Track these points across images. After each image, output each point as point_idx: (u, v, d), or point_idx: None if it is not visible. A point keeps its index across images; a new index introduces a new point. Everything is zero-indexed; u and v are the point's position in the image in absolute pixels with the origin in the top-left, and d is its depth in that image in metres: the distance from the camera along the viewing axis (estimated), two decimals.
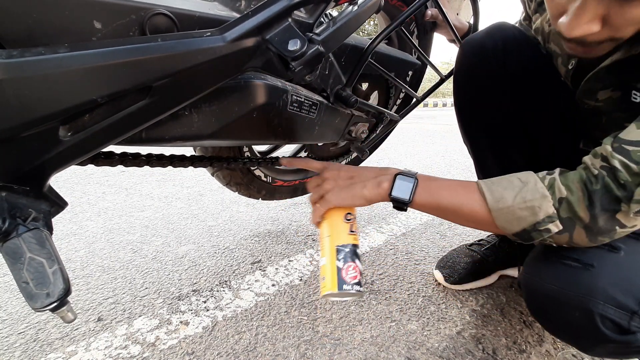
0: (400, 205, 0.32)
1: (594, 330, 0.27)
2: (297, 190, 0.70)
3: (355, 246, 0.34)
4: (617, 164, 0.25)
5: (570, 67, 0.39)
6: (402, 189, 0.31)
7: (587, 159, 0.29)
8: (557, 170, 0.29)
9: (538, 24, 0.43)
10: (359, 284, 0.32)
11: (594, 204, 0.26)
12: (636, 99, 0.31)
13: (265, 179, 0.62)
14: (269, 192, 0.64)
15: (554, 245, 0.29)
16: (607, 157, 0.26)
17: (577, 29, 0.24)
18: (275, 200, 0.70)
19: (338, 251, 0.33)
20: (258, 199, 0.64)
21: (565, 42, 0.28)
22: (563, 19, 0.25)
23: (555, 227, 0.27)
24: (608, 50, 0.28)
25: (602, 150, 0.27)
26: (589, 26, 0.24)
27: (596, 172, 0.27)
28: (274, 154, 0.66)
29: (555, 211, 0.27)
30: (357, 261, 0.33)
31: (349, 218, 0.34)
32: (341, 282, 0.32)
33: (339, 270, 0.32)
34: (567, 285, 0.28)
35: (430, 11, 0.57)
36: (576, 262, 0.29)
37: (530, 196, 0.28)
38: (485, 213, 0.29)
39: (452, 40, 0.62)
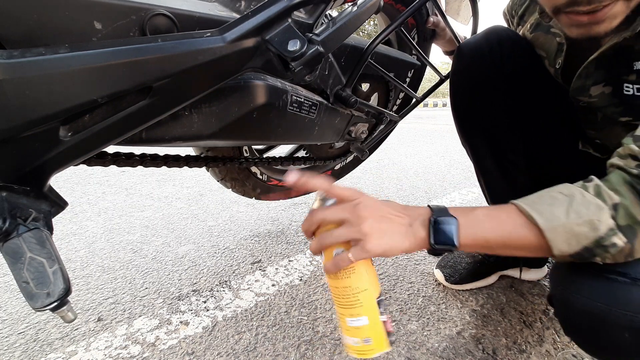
0: (446, 250, 0.27)
1: None
2: (292, 190, 0.70)
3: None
4: None
5: (557, 67, 0.39)
6: (444, 235, 0.26)
7: (616, 161, 0.26)
8: (594, 178, 0.26)
9: (521, 34, 0.44)
10: (391, 324, 0.28)
11: None
12: (629, 91, 0.31)
13: (260, 177, 0.62)
14: (264, 190, 0.64)
15: (607, 262, 0.25)
16: (638, 156, 0.25)
17: None
18: (270, 200, 0.70)
19: (379, 304, 0.26)
20: (252, 197, 0.63)
21: (569, 18, 0.27)
22: None
23: (619, 240, 0.24)
24: (619, 21, 0.26)
25: (627, 150, 0.26)
26: None
27: (635, 172, 0.25)
28: (271, 153, 0.66)
29: (614, 222, 0.24)
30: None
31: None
32: (388, 334, 0.26)
33: (384, 324, 0.26)
34: (614, 302, 0.25)
35: (433, 18, 0.58)
36: (623, 276, 0.25)
37: (584, 209, 0.24)
38: (537, 237, 0.25)
39: (448, 53, 0.63)
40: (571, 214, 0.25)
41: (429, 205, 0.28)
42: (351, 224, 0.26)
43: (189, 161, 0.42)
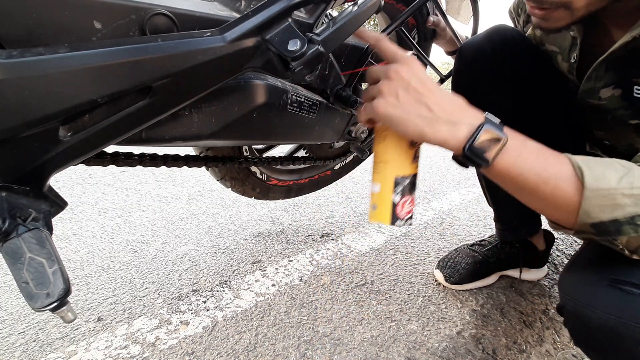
0: (473, 163, 0.24)
1: None
2: (290, 191, 0.69)
3: (415, 176, 0.27)
4: None
5: (573, 61, 0.38)
6: (482, 149, 0.23)
7: None
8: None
9: (530, 33, 0.43)
10: (411, 217, 0.28)
11: None
12: (639, 94, 0.31)
13: (260, 176, 0.62)
14: (263, 190, 0.64)
15: (618, 246, 0.24)
16: None
17: None
18: (268, 201, 0.70)
19: (396, 184, 0.26)
20: (251, 197, 0.63)
21: (530, 9, 0.29)
22: None
23: None
24: (565, 23, 0.28)
25: None
26: None
27: None
28: (270, 153, 0.66)
29: None
30: (414, 193, 0.28)
31: (415, 141, 0.27)
32: (395, 218, 0.27)
33: (394, 205, 0.27)
34: (629, 315, 0.24)
35: (433, 18, 0.57)
36: (638, 288, 0.24)
37: (638, 182, 0.22)
38: (574, 192, 0.23)
39: (450, 53, 0.62)
40: (623, 182, 0.23)
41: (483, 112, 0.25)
42: (379, 83, 0.24)
43: (188, 161, 0.42)
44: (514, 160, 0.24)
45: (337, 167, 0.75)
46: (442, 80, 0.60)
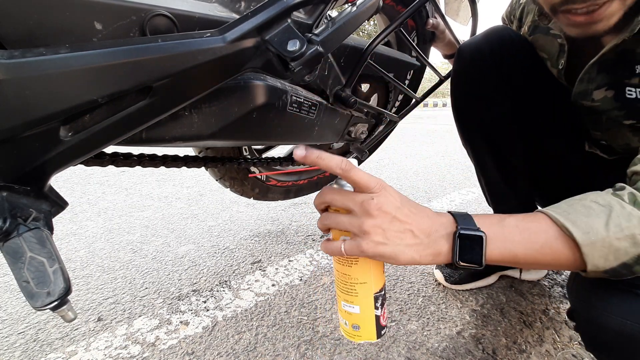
0: (469, 269, 0.24)
1: None
2: (289, 192, 0.69)
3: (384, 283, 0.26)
4: None
5: (560, 68, 0.39)
6: (471, 252, 0.23)
7: (639, 168, 0.25)
8: (624, 185, 0.25)
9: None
10: (387, 318, 0.27)
11: None
12: (631, 94, 0.31)
13: (259, 177, 0.62)
14: (262, 190, 0.64)
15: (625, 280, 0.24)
16: None
17: None
18: (267, 201, 0.69)
19: (376, 300, 0.26)
20: (250, 197, 0.63)
21: (566, 17, 0.27)
22: None
23: None
24: (616, 20, 0.25)
25: None
26: None
27: None
28: (270, 153, 0.66)
29: None
30: (386, 295, 0.27)
31: None
32: (379, 329, 0.26)
33: (377, 318, 0.26)
34: None
35: (432, 20, 0.58)
36: None
37: (625, 222, 0.22)
38: (571, 251, 0.23)
39: (447, 56, 0.63)
40: (611, 227, 0.22)
41: (450, 212, 0.25)
42: (356, 216, 0.23)
43: (187, 161, 0.42)
44: (502, 247, 0.24)
45: None
46: (441, 81, 0.60)
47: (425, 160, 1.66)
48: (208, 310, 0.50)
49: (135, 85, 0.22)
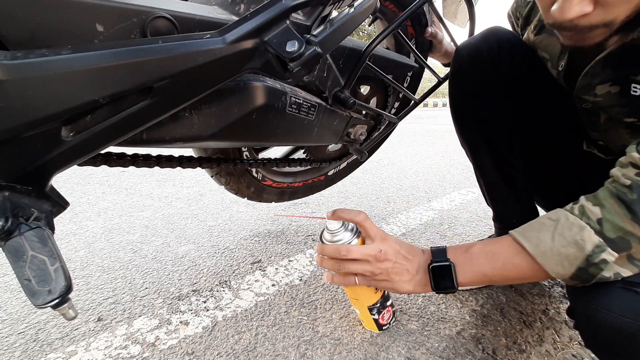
0: (449, 293, 0.31)
1: None
2: (284, 194, 0.69)
3: (383, 296, 0.35)
4: None
5: (560, 69, 0.39)
6: (443, 279, 0.31)
7: (615, 171, 0.27)
8: (582, 197, 0.28)
9: (525, 36, 0.44)
10: (394, 315, 0.37)
11: (637, 214, 0.24)
12: (636, 92, 0.31)
13: (255, 175, 0.62)
14: (257, 190, 0.63)
15: (625, 277, 0.25)
16: (638, 164, 0.25)
17: (570, 11, 0.24)
18: (262, 202, 0.69)
19: (371, 310, 0.35)
20: (245, 196, 0.63)
21: (559, 32, 0.29)
22: (555, 6, 0.26)
23: (610, 255, 0.24)
24: (602, 38, 0.27)
25: (629, 158, 0.26)
26: (581, 7, 0.24)
27: (628, 182, 0.25)
28: (267, 152, 0.66)
29: (600, 240, 0.25)
30: (387, 303, 0.36)
31: None
32: (380, 326, 0.36)
33: (376, 321, 0.36)
34: None
35: (431, 29, 0.58)
36: None
37: (567, 231, 0.26)
38: (530, 263, 0.27)
39: (447, 65, 0.63)
40: (556, 238, 0.26)
41: (431, 248, 0.33)
42: (369, 265, 0.32)
43: (182, 162, 0.42)
44: (471, 271, 0.30)
45: (330, 172, 0.76)
46: (439, 83, 0.61)
47: (425, 160, 1.67)
48: (208, 310, 0.50)
49: (136, 86, 0.22)
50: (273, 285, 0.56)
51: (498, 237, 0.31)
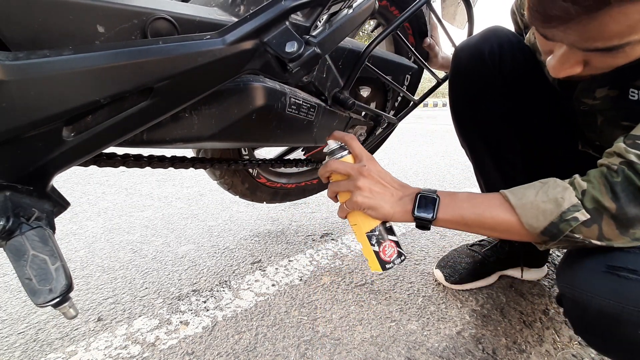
0: (424, 223, 0.32)
1: None
2: (276, 194, 0.69)
3: (383, 224, 0.34)
4: (633, 157, 0.26)
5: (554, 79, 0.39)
6: (425, 208, 0.32)
7: (603, 160, 0.29)
8: (576, 175, 0.29)
9: (528, 37, 0.44)
10: (399, 255, 0.34)
11: (618, 194, 0.26)
12: (634, 96, 0.32)
13: (250, 171, 0.62)
14: (251, 187, 0.63)
15: (587, 243, 0.27)
16: (622, 154, 0.27)
17: (562, 73, 0.27)
18: (253, 202, 0.69)
19: (369, 237, 0.34)
20: (237, 193, 0.62)
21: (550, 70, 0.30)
22: (550, 60, 0.27)
23: (582, 215, 0.26)
24: (587, 77, 0.29)
25: (615, 149, 0.28)
26: (572, 69, 0.26)
27: (615, 167, 0.27)
28: (262, 150, 0.66)
29: (579, 201, 0.27)
30: (390, 237, 0.34)
31: None
32: (382, 263, 0.34)
33: (376, 253, 0.34)
34: (627, 300, 0.25)
35: (429, 40, 0.59)
36: (634, 273, 0.26)
37: (551, 190, 0.28)
38: (509, 214, 0.29)
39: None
40: (540, 194, 0.29)
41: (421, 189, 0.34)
42: (352, 179, 0.33)
43: (174, 162, 0.42)
44: (452, 210, 0.32)
45: None
46: (438, 84, 0.61)
47: (425, 160, 1.67)
48: (208, 310, 0.50)
49: (136, 87, 0.22)
50: (273, 285, 0.56)
51: (488, 193, 0.33)
